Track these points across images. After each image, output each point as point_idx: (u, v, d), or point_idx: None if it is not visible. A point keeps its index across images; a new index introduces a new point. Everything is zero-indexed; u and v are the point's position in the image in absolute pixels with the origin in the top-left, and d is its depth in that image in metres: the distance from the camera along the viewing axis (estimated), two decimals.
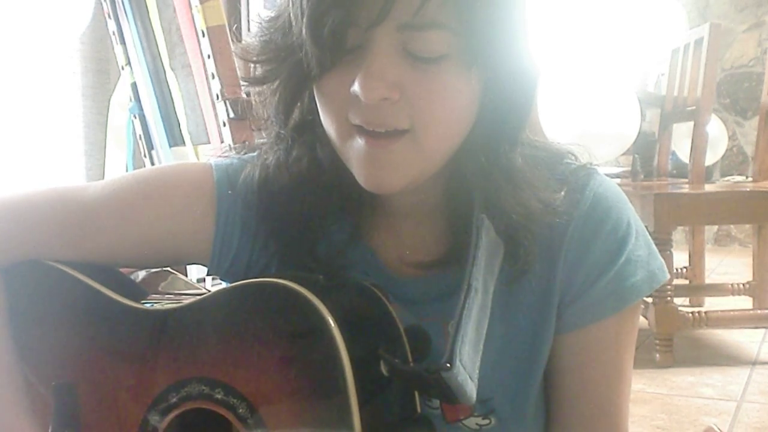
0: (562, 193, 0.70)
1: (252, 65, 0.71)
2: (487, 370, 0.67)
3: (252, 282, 0.67)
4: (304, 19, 0.62)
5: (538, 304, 0.73)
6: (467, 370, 0.63)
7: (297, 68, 0.66)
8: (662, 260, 0.75)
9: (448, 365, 0.61)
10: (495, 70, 0.64)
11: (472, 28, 0.61)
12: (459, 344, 0.62)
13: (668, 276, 0.75)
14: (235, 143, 1.62)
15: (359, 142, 0.64)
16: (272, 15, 0.69)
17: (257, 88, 0.73)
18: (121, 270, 0.82)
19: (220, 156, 0.80)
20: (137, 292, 0.78)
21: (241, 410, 0.65)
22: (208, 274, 0.79)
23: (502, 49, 0.63)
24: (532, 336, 0.74)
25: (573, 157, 0.75)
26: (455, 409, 0.75)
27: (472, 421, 0.76)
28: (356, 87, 0.61)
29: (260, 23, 0.70)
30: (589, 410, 0.76)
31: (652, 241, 0.75)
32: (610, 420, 0.76)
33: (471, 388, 0.63)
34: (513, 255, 0.69)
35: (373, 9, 0.60)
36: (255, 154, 0.77)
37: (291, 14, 0.65)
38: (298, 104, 0.71)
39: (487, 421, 0.76)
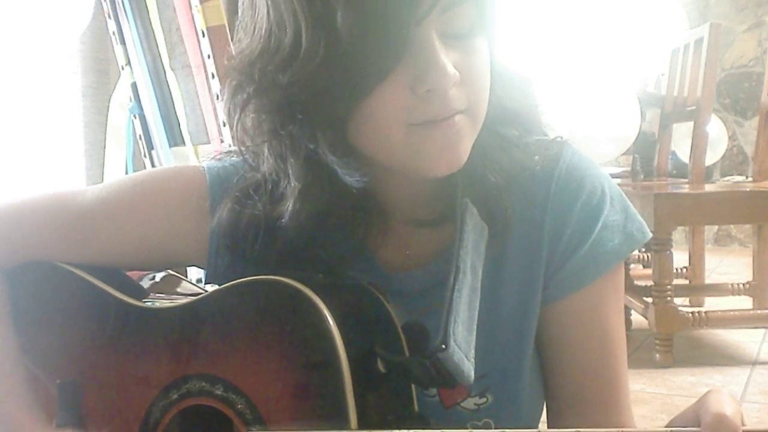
0: (537, 158, 0.72)
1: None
2: (479, 348, 0.67)
3: (252, 279, 0.67)
4: (359, 35, 0.59)
5: (524, 279, 0.74)
6: (462, 349, 0.64)
7: (338, 100, 0.62)
8: (642, 221, 0.76)
9: (444, 346, 0.62)
10: (494, 38, 0.68)
11: None
12: (452, 324, 0.63)
13: (649, 236, 0.76)
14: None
15: (426, 131, 0.64)
16: (278, 59, 0.63)
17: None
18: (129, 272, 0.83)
19: (212, 158, 0.80)
20: (139, 290, 0.79)
21: (240, 406, 0.65)
22: (206, 282, 0.79)
23: (497, 12, 0.67)
24: (521, 311, 0.75)
25: (541, 132, 0.76)
26: (452, 392, 0.76)
27: (469, 402, 0.76)
28: (428, 81, 0.61)
29: (268, 73, 0.64)
30: (583, 376, 0.76)
31: (629, 204, 0.76)
32: (606, 382, 0.76)
33: (468, 368, 0.64)
34: (496, 235, 0.71)
35: (421, 2, 0.60)
36: (247, 156, 0.75)
37: (323, 44, 0.60)
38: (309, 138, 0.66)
39: (484, 400, 0.76)
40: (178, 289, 0.83)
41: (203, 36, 1.65)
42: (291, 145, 0.67)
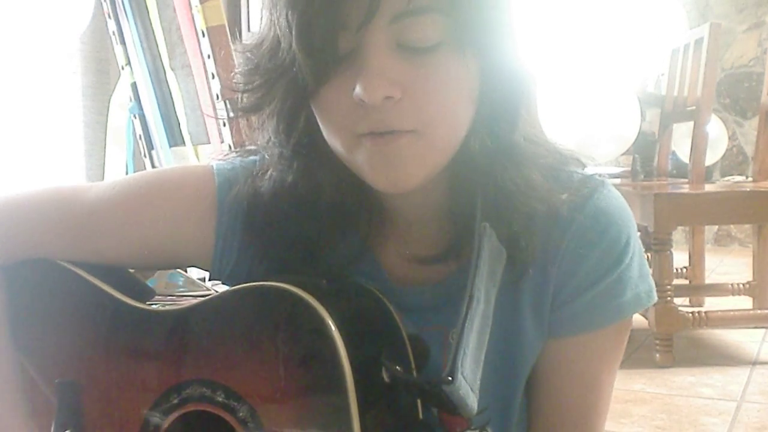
0: (564, 196, 0.69)
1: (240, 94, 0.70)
2: (487, 380, 0.67)
3: (255, 285, 0.66)
4: (293, 32, 0.60)
5: (534, 311, 0.73)
6: (468, 382, 0.62)
7: (291, 88, 0.65)
8: (652, 283, 0.74)
9: (450, 378, 0.61)
10: (489, 54, 0.63)
11: (463, 10, 0.61)
12: (461, 357, 0.62)
13: (655, 300, 0.74)
14: (235, 143, 1.62)
15: (366, 146, 0.63)
16: (255, 41, 0.68)
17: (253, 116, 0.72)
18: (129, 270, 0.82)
19: (222, 159, 0.80)
20: (143, 292, 0.79)
21: (241, 413, 0.65)
22: (210, 279, 0.79)
23: (493, 30, 0.63)
24: (529, 343, 0.74)
25: (578, 164, 0.74)
26: (452, 420, 0.75)
27: None
28: (358, 89, 0.60)
29: (244, 52, 0.68)
30: (560, 420, 0.76)
31: (645, 263, 0.74)
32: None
33: (472, 400, 0.63)
34: (514, 260, 0.69)
35: (362, 6, 0.58)
36: (257, 158, 0.76)
37: (278, 33, 0.63)
38: (298, 125, 0.69)
39: None
40: (182, 291, 0.83)
41: (203, 36, 1.65)
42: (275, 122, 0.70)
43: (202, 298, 0.71)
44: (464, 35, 0.61)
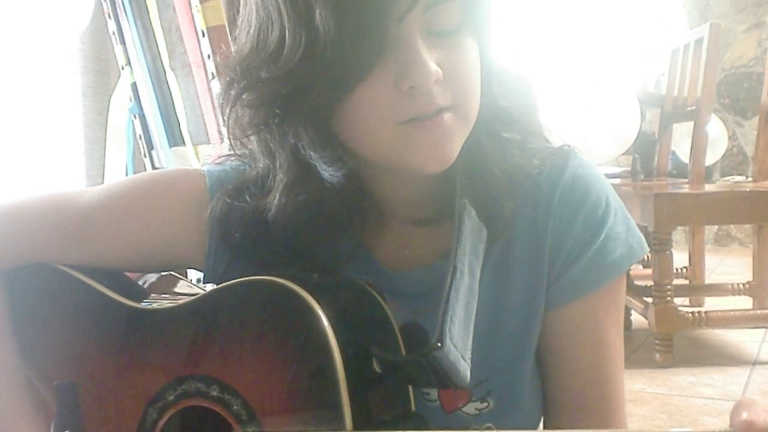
0: (536, 161, 0.73)
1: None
2: (481, 352, 0.68)
3: (247, 280, 0.67)
4: (338, 33, 0.60)
5: (528, 285, 0.75)
6: (458, 349, 0.64)
7: (311, 95, 0.64)
8: (641, 235, 0.76)
9: (439, 344, 0.62)
10: (484, 36, 0.68)
11: None
12: (448, 323, 0.64)
13: (647, 249, 0.77)
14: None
15: (411, 131, 0.64)
16: (265, 57, 0.64)
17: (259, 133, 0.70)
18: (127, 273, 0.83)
19: (213, 163, 0.80)
20: (137, 292, 0.79)
21: (235, 407, 0.66)
22: (204, 281, 0.79)
23: (488, 15, 0.68)
24: (524, 316, 0.75)
25: (545, 140, 0.76)
26: (453, 397, 0.76)
27: (471, 407, 0.77)
28: (410, 78, 0.62)
29: (259, 70, 0.65)
30: (579, 385, 0.77)
31: (630, 217, 0.77)
32: (602, 392, 0.77)
33: (464, 368, 0.64)
34: (496, 238, 0.71)
35: (401, 0, 0.61)
36: (248, 160, 0.75)
37: (300, 41, 0.61)
38: (305, 135, 0.67)
39: (485, 405, 0.76)
40: (177, 290, 0.83)
41: (203, 36, 1.65)
42: (278, 140, 0.69)
43: (196, 296, 0.72)
44: (473, 19, 0.66)
